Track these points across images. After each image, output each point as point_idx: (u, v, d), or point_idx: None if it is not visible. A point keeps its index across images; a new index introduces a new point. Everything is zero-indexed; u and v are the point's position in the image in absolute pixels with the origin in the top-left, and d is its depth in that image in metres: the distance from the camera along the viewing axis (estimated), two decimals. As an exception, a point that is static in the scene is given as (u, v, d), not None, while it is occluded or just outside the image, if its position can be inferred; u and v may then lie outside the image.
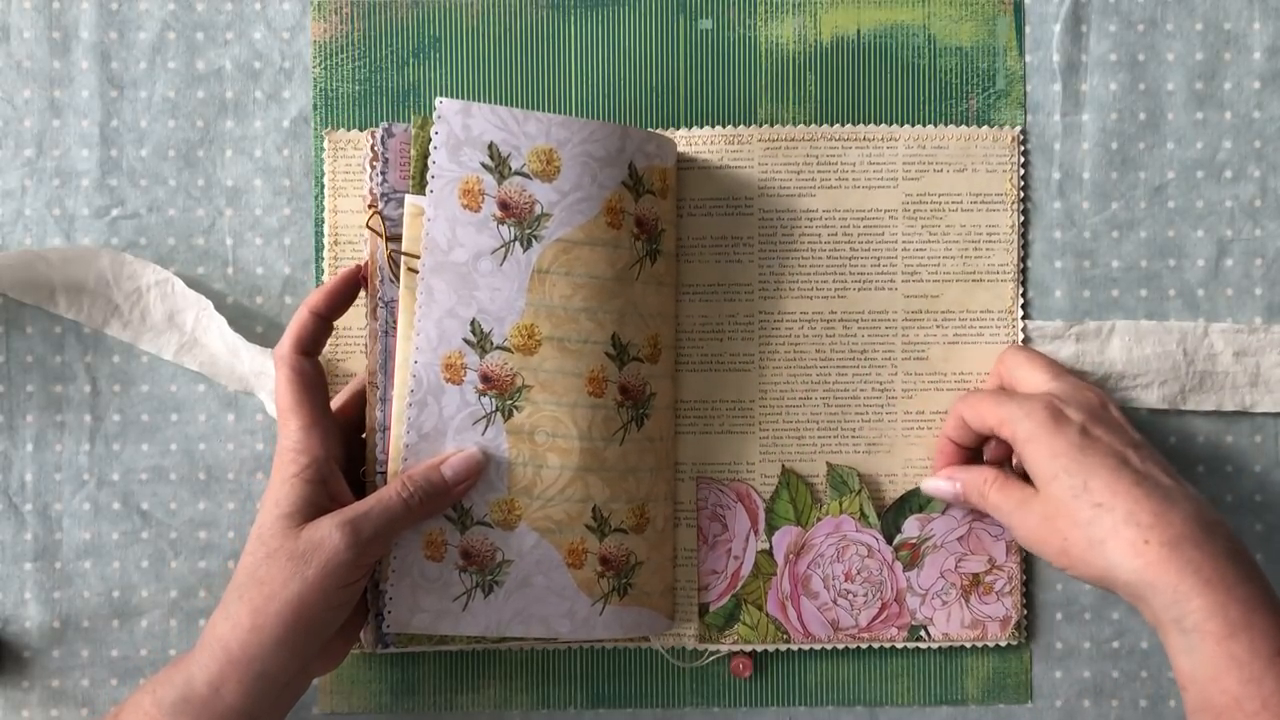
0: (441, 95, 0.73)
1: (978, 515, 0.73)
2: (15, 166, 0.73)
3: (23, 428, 0.73)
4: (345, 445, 0.67)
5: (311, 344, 0.66)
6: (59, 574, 0.73)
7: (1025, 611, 0.74)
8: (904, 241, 0.73)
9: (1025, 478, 0.66)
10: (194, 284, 0.73)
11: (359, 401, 0.69)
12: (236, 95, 0.74)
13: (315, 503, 0.62)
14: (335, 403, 0.69)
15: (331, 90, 0.74)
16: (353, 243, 0.73)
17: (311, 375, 0.65)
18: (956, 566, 0.73)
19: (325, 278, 0.73)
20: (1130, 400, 0.73)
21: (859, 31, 0.74)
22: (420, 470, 0.64)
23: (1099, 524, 0.61)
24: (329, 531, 0.61)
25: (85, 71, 0.73)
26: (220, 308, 0.72)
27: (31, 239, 0.73)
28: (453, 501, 0.65)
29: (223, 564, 0.74)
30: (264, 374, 0.72)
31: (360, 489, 0.66)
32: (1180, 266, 0.74)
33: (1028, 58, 0.74)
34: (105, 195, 0.73)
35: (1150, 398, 0.73)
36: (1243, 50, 0.74)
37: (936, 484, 0.71)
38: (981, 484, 0.68)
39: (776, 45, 0.74)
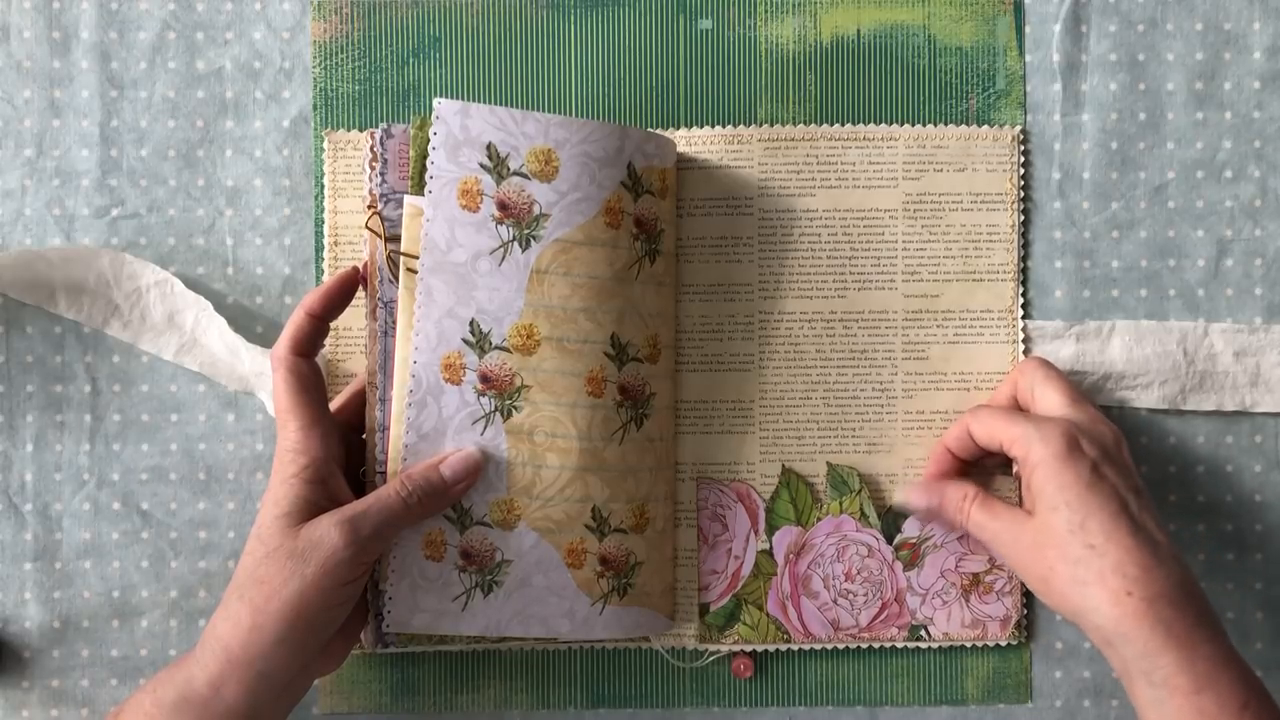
0: (441, 95, 0.73)
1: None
2: (15, 166, 0.73)
3: (23, 428, 0.73)
4: (345, 445, 0.67)
5: (308, 345, 0.66)
6: (59, 574, 0.73)
7: (1025, 611, 0.74)
8: (904, 241, 0.73)
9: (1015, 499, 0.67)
10: (194, 284, 0.73)
11: (359, 402, 0.69)
12: (236, 95, 0.74)
13: (314, 502, 0.62)
14: (335, 403, 0.69)
15: (331, 90, 0.74)
16: (353, 243, 0.73)
17: (309, 376, 0.65)
18: (956, 566, 0.73)
19: (325, 278, 0.73)
20: (1130, 400, 0.73)
21: (859, 31, 0.74)
22: (419, 470, 0.65)
23: (1087, 565, 0.61)
24: (328, 530, 0.61)
25: (85, 71, 0.73)
26: (220, 308, 0.72)
27: (31, 239, 0.73)
28: (452, 501, 0.65)
29: (223, 564, 0.74)
30: (264, 374, 0.72)
31: (360, 489, 0.66)
32: (1180, 266, 0.74)
33: (1028, 58, 0.74)
34: (105, 195, 0.73)
35: (1150, 398, 0.73)
36: (1243, 50, 0.74)
37: (913, 497, 0.71)
38: (961, 500, 0.68)
39: (776, 45, 0.74)
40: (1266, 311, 0.74)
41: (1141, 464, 0.74)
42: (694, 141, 0.73)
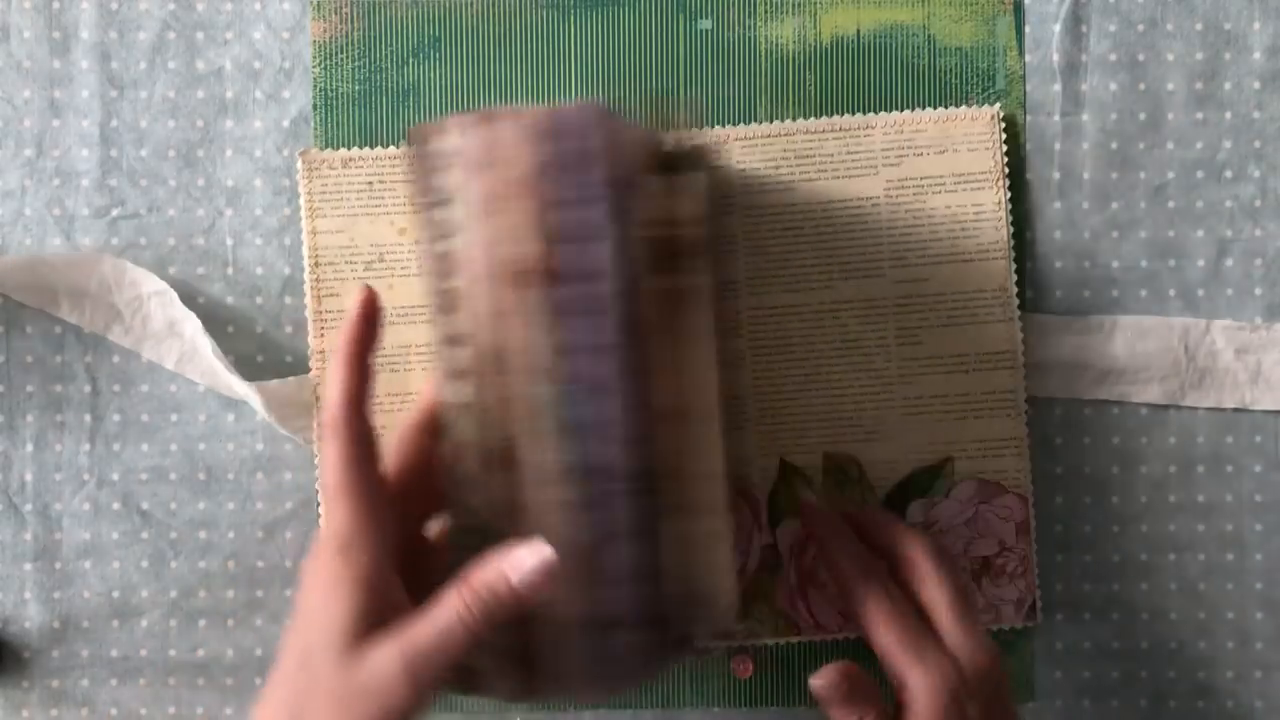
0: (442, 95, 0.73)
1: (984, 498, 0.72)
2: (15, 166, 0.73)
3: (23, 428, 0.73)
4: (400, 521, 0.57)
5: (364, 398, 0.56)
6: (59, 574, 0.73)
7: (1039, 591, 0.73)
8: (888, 227, 0.73)
9: None
10: (194, 284, 0.73)
11: (415, 459, 0.61)
12: (236, 95, 0.74)
13: (373, 614, 0.52)
14: (392, 463, 0.61)
15: (331, 90, 0.74)
16: (333, 264, 0.73)
17: (371, 442, 0.55)
18: (965, 550, 0.72)
19: (308, 301, 0.73)
20: (1129, 395, 0.73)
21: (858, 31, 0.74)
22: (482, 579, 0.53)
23: None
24: (391, 674, 0.51)
25: (85, 71, 0.73)
26: (220, 308, 0.73)
27: (31, 239, 0.73)
28: (520, 611, 0.54)
29: (223, 564, 0.74)
30: (253, 398, 0.71)
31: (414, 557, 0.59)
32: (1180, 267, 0.74)
33: (1028, 58, 0.74)
34: (105, 195, 0.73)
35: (1150, 393, 0.73)
36: (1243, 50, 0.74)
37: (834, 705, 0.63)
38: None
39: (776, 45, 0.74)
40: (1266, 311, 0.74)
41: (1141, 463, 0.73)
42: (671, 145, 0.73)
